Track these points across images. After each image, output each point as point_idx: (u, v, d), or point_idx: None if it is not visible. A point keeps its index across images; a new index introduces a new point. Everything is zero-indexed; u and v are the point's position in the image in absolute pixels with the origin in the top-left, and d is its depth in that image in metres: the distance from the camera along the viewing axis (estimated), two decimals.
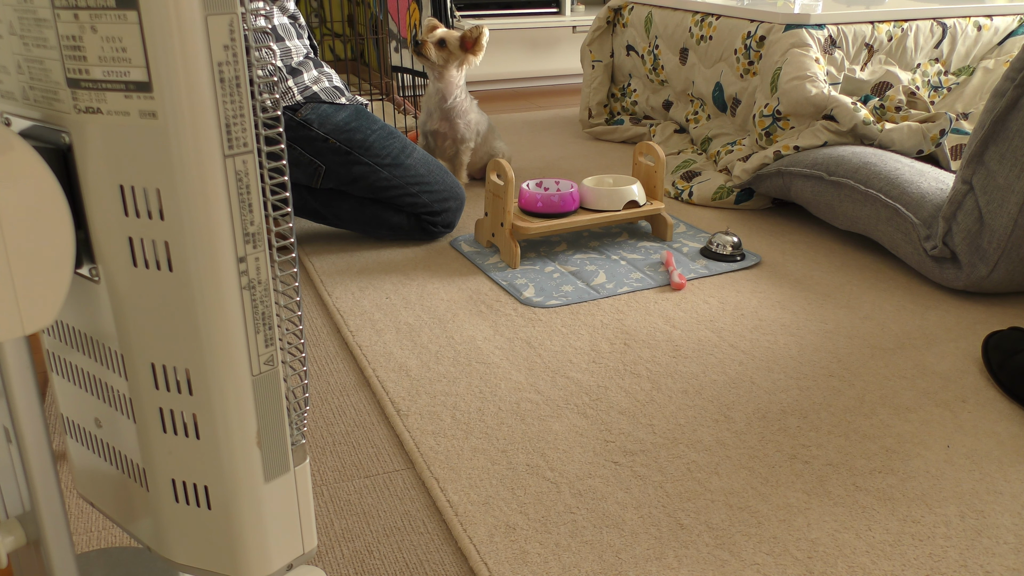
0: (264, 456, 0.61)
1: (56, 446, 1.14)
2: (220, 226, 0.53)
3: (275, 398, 0.60)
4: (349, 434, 1.19)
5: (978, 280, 1.56)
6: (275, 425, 0.61)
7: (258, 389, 0.59)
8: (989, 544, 0.97)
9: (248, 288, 0.56)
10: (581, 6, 3.86)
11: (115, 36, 0.50)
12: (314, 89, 1.73)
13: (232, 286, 0.55)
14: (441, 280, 1.67)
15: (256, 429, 0.59)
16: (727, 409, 1.24)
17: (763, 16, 2.13)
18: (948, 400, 1.26)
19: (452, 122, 2.14)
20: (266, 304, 0.57)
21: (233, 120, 0.53)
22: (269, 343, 0.58)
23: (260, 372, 0.58)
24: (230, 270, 0.55)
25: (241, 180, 0.54)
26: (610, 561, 0.94)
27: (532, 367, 1.34)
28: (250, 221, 0.55)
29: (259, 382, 0.59)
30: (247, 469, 0.60)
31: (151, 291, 0.55)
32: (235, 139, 0.53)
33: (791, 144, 1.96)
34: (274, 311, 0.58)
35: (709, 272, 1.71)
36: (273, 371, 0.59)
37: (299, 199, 1.82)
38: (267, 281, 0.57)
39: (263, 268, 0.57)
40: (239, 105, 0.53)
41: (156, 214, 0.53)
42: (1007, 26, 2.29)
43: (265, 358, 0.58)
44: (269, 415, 0.60)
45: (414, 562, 0.95)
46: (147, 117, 0.51)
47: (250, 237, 0.55)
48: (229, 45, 0.51)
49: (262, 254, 0.56)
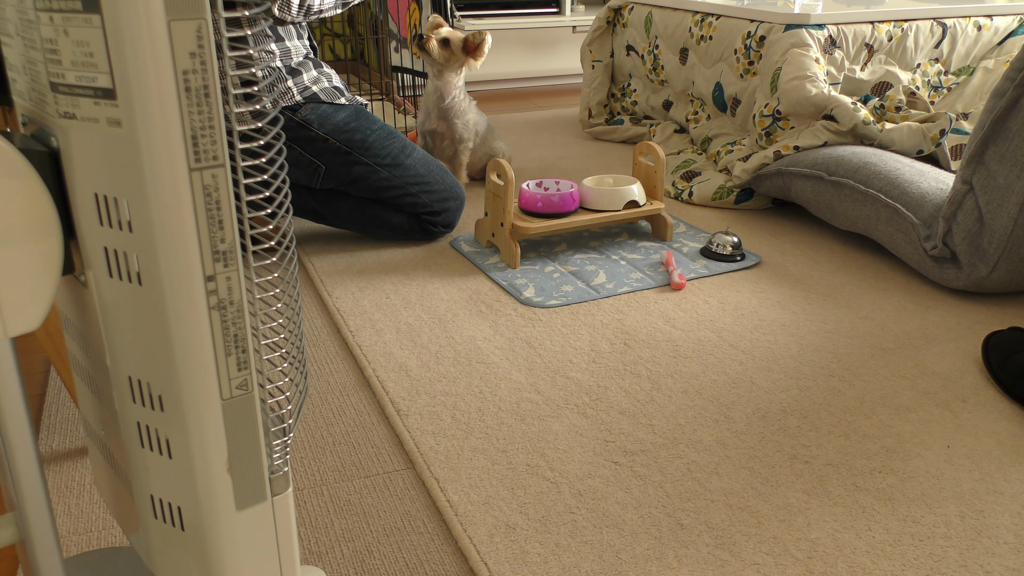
0: (236, 483, 0.58)
1: (61, 447, 1.14)
2: (185, 242, 0.51)
3: (249, 424, 0.57)
4: (349, 434, 1.19)
5: (978, 280, 1.56)
6: (249, 452, 0.58)
7: (229, 414, 0.56)
8: (989, 544, 0.97)
9: (218, 308, 0.53)
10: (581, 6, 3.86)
11: (84, 40, 0.48)
12: (314, 89, 1.73)
13: (199, 305, 0.53)
14: (441, 280, 1.67)
15: (227, 455, 0.57)
16: (727, 409, 1.24)
17: (763, 16, 2.13)
18: (948, 400, 1.26)
19: (450, 122, 2.14)
20: (239, 326, 0.55)
21: (201, 132, 0.50)
22: (242, 367, 0.56)
23: (232, 396, 0.56)
24: (197, 289, 0.52)
25: (210, 195, 0.51)
26: (610, 561, 0.94)
27: (532, 367, 1.34)
28: (220, 239, 0.52)
29: (230, 407, 0.56)
30: (217, 495, 0.57)
31: (125, 303, 0.54)
32: (203, 152, 0.51)
33: (791, 144, 1.96)
34: (249, 333, 0.55)
35: (709, 272, 1.71)
36: (247, 396, 0.57)
37: (299, 199, 1.81)
38: (240, 302, 0.54)
39: (235, 288, 0.54)
40: (207, 116, 0.50)
41: (126, 225, 0.51)
42: (1007, 26, 2.29)
43: (238, 382, 0.56)
44: (242, 441, 0.57)
45: (414, 562, 0.95)
46: (113, 125, 0.49)
47: (220, 255, 0.53)
48: (196, 52, 0.49)
49: (234, 273, 0.53)
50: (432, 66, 2.11)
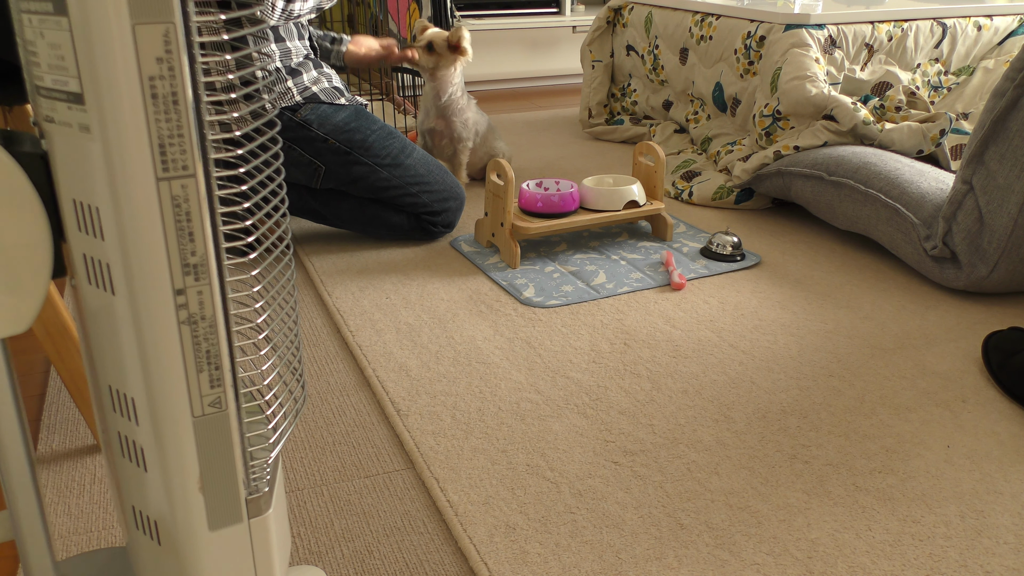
0: (209, 503, 0.56)
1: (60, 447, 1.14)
2: (153, 254, 0.49)
3: (223, 443, 0.55)
4: (349, 434, 1.19)
5: (978, 280, 1.56)
6: (223, 472, 0.56)
7: (200, 432, 0.54)
8: (989, 544, 0.97)
9: (188, 323, 0.51)
10: (581, 6, 3.86)
11: (56, 43, 0.47)
12: (313, 90, 1.73)
13: (168, 319, 0.51)
14: (441, 280, 1.67)
15: (199, 473, 0.55)
16: (727, 409, 1.24)
17: (763, 16, 2.13)
18: (948, 400, 1.26)
19: (448, 120, 2.14)
20: (211, 342, 0.53)
21: (169, 140, 0.48)
22: (215, 384, 0.54)
23: (204, 414, 0.54)
24: (166, 302, 0.51)
25: (179, 206, 0.49)
26: (610, 561, 0.94)
27: (532, 367, 1.34)
28: (191, 251, 0.50)
29: (202, 424, 0.54)
30: (189, 513, 0.56)
31: (102, 311, 0.52)
32: (171, 161, 0.48)
33: (791, 144, 1.96)
34: (224, 350, 0.53)
35: (709, 272, 1.71)
36: (220, 414, 0.54)
37: (299, 199, 1.82)
38: (213, 317, 0.52)
39: (208, 303, 0.52)
40: (176, 124, 0.48)
41: (99, 233, 0.50)
42: (1007, 26, 2.29)
43: (210, 400, 0.54)
44: (215, 460, 0.55)
45: (414, 562, 0.95)
46: (84, 131, 0.48)
47: (191, 269, 0.51)
48: (163, 58, 0.46)
49: (206, 288, 0.51)
50: (424, 71, 2.11)
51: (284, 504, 0.66)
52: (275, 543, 0.60)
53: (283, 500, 0.65)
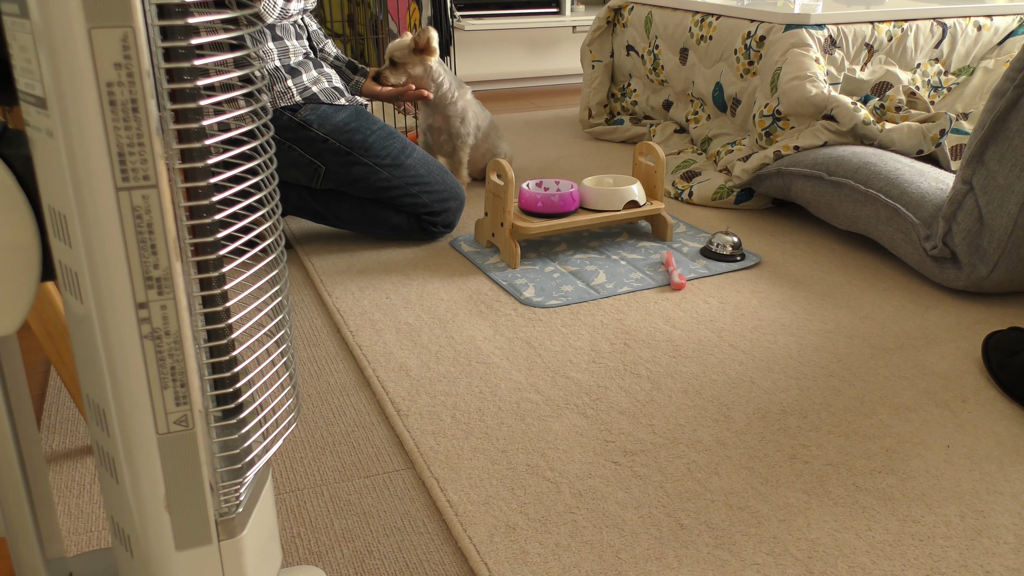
0: (175, 522, 0.54)
1: (61, 447, 1.14)
2: (114, 265, 0.48)
3: (190, 462, 0.53)
4: (349, 434, 1.19)
5: (978, 280, 1.56)
6: (190, 491, 0.54)
7: (165, 449, 0.53)
8: (989, 544, 0.97)
9: (151, 338, 0.50)
10: (581, 6, 3.86)
11: (24, 46, 0.46)
12: (313, 90, 1.73)
13: (131, 333, 0.49)
14: (441, 280, 1.67)
15: (164, 491, 0.53)
16: (727, 409, 1.24)
17: (763, 16, 2.13)
18: (948, 400, 1.26)
19: (443, 115, 2.13)
20: (176, 359, 0.51)
21: (129, 149, 0.46)
22: (181, 402, 0.52)
23: (169, 431, 0.52)
24: (128, 315, 0.49)
25: (140, 217, 0.47)
26: (610, 561, 0.94)
27: (532, 367, 1.34)
28: (154, 264, 0.49)
29: (167, 442, 0.52)
30: (156, 531, 0.54)
31: (75, 319, 0.51)
32: (131, 171, 0.47)
33: (791, 144, 1.96)
34: (193, 368, 0.52)
35: (709, 272, 1.71)
36: (187, 433, 0.53)
37: (299, 199, 1.82)
38: (178, 333, 0.50)
39: (172, 319, 0.50)
40: (136, 132, 0.46)
41: (68, 240, 0.48)
42: (1007, 26, 2.29)
43: (175, 417, 0.52)
44: (181, 479, 0.54)
45: (414, 562, 0.95)
46: (49, 136, 0.47)
47: (154, 282, 0.49)
48: (122, 63, 0.45)
49: (170, 302, 0.50)
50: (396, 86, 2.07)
51: (270, 521, 0.63)
52: (250, 566, 0.58)
53: (268, 518, 0.62)
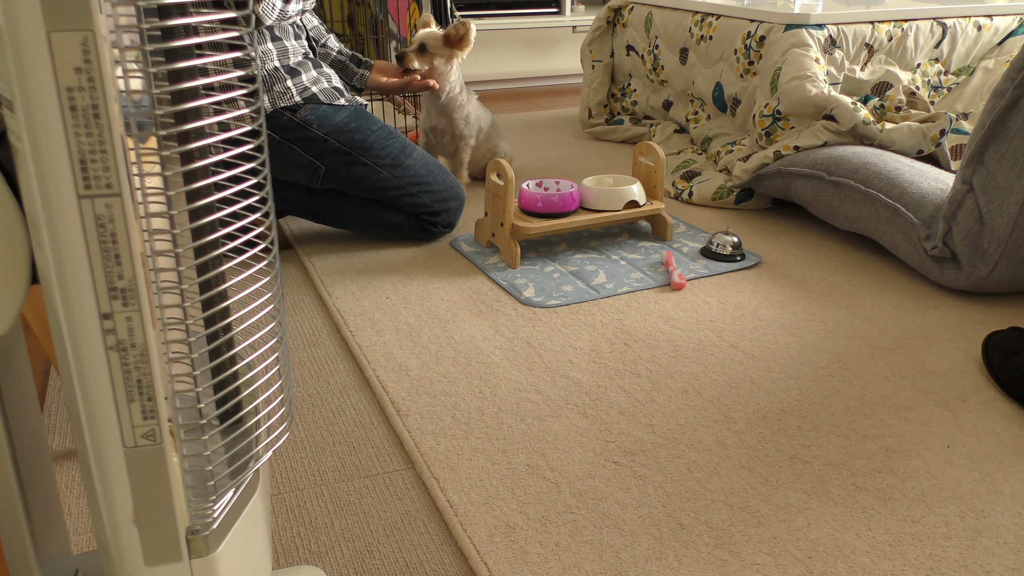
0: (143, 537, 0.53)
1: (61, 447, 1.14)
2: (78, 275, 0.47)
3: (158, 478, 0.52)
4: (349, 434, 1.19)
5: (978, 280, 1.56)
6: (160, 506, 0.53)
7: (132, 463, 0.51)
8: (989, 544, 0.97)
9: (117, 350, 0.49)
10: (581, 6, 3.86)
11: None
12: (313, 90, 1.73)
13: (96, 344, 0.49)
14: (441, 280, 1.67)
15: (132, 505, 0.52)
16: (727, 409, 1.24)
17: (763, 16, 2.13)
18: (948, 400, 1.26)
19: (449, 117, 2.14)
20: (143, 371, 0.50)
21: (91, 156, 0.45)
22: (148, 416, 0.51)
23: (136, 445, 0.51)
24: (93, 326, 0.48)
25: (104, 226, 0.46)
26: (610, 561, 0.94)
27: (532, 367, 1.34)
28: (118, 275, 0.48)
29: (134, 456, 0.51)
30: (126, 545, 0.53)
31: (52, 325, 0.50)
32: (93, 178, 0.46)
33: (791, 144, 1.96)
34: (159, 381, 0.51)
35: (709, 272, 1.71)
36: (155, 447, 0.51)
37: (299, 199, 1.82)
38: (144, 346, 0.49)
39: (138, 331, 0.49)
40: (99, 139, 0.45)
41: (40, 246, 0.48)
42: (1007, 26, 2.29)
43: (143, 431, 0.51)
44: (151, 494, 0.53)
45: (414, 562, 0.95)
46: (17, 140, 0.46)
47: (118, 293, 0.48)
48: (82, 68, 0.44)
49: (136, 314, 0.48)
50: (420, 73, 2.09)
51: (257, 536, 0.62)
52: None
53: (254, 533, 0.61)
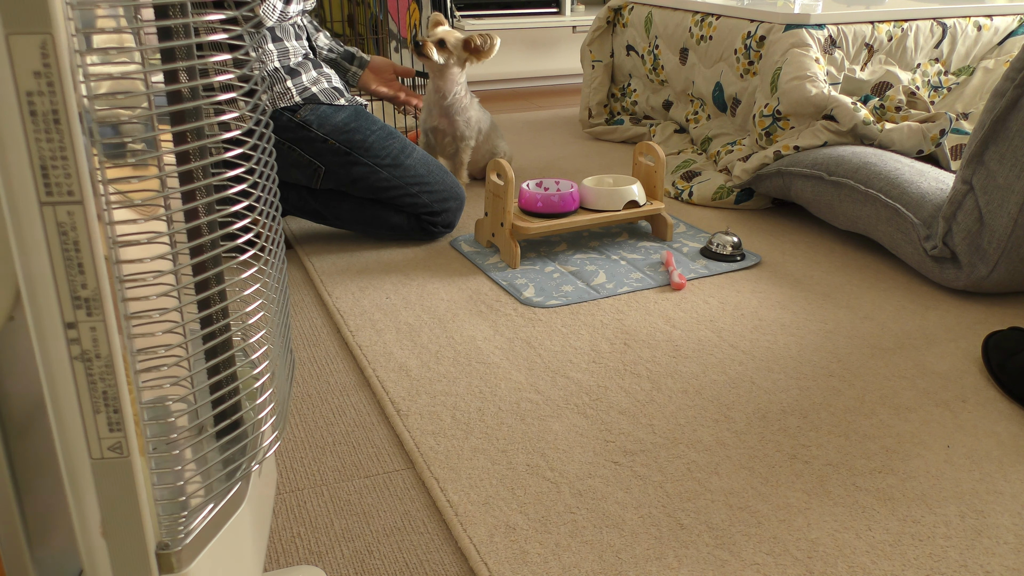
0: (111, 550, 0.53)
1: None
2: (41, 283, 0.47)
3: (126, 490, 0.51)
4: (349, 434, 1.19)
5: (978, 280, 1.56)
6: (128, 520, 0.52)
7: (99, 475, 0.51)
8: (989, 544, 0.97)
9: (81, 360, 0.48)
10: (581, 6, 3.86)
11: None
12: (313, 90, 1.73)
13: (61, 353, 0.48)
14: (441, 280, 1.67)
15: (100, 517, 0.52)
16: (727, 409, 1.24)
17: (763, 16, 2.13)
18: (948, 400, 1.26)
19: (451, 119, 2.14)
20: (109, 383, 0.49)
21: (52, 162, 0.45)
22: (115, 428, 0.50)
23: (103, 457, 0.51)
24: (57, 335, 0.48)
25: (66, 234, 0.46)
26: (610, 561, 0.94)
27: (532, 367, 1.34)
28: (81, 284, 0.47)
29: (101, 468, 0.51)
30: (95, 556, 0.52)
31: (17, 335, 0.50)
32: (55, 185, 0.45)
33: (791, 144, 1.96)
34: (126, 394, 0.50)
35: (709, 272, 1.71)
36: (122, 460, 0.51)
37: (299, 199, 1.82)
38: (109, 357, 0.49)
39: (103, 341, 0.48)
40: (59, 145, 0.44)
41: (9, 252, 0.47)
42: (1007, 26, 2.29)
43: (109, 443, 0.50)
44: (118, 507, 0.52)
45: (414, 562, 0.95)
46: None
47: (82, 302, 0.47)
48: (42, 72, 0.43)
49: (100, 324, 0.48)
50: (433, 68, 2.11)
51: (242, 550, 0.61)
52: None
53: (238, 547, 0.60)
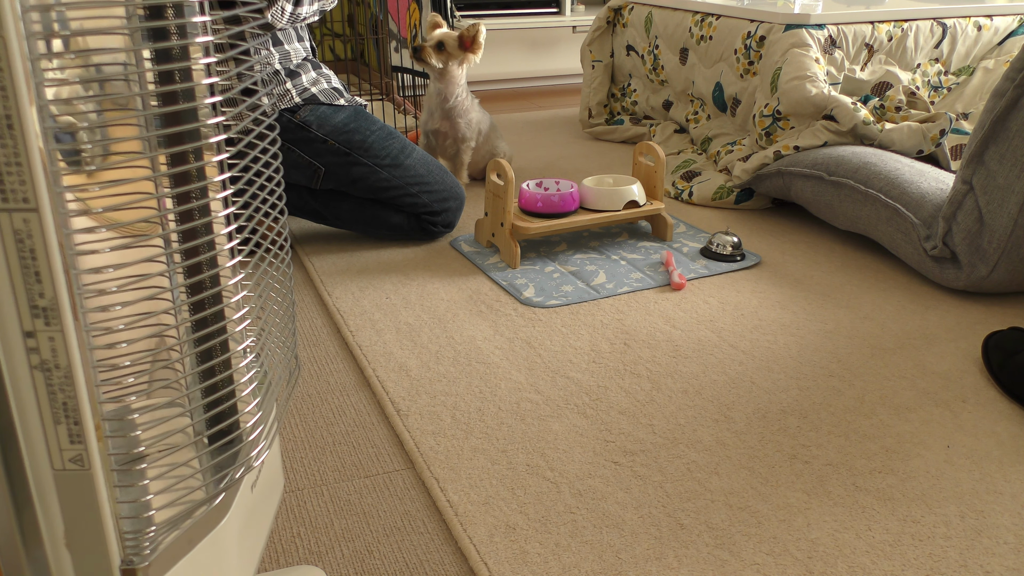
0: (75, 562, 0.52)
1: None
2: (1, 289, 0.46)
3: (88, 504, 0.51)
4: (349, 434, 1.19)
5: (978, 280, 1.56)
6: (92, 533, 0.52)
7: (62, 486, 0.50)
8: (989, 544, 0.97)
9: (41, 369, 0.48)
10: (581, 6, 3.86)
11: None
12: (312, 91, 1.73)
13: (21, 362, 0.48)
14: (441, 280, 1.67)
15: (63, 529, 0.51)
16: (727, 409, 1.24)
17: (763, 16, 2.13)
18: (948, 400, 1.26)
19: (453, 121, 2.14)
20: (68, 394, 0.48)
21: (7, 168, 0.44)
22: (75, 440, 0.49)
23: (64, 468, 0.50)
24: (17, 343, 0.47)
25: (22, 242, 0.45)
26: (610, 561, 0.94)
27: (532, 367, 1.34)
28: (39, 293, 0.46)
29: (63, 479, 0.50)
30: (60, 568, 0.52)
31: None
32: (9, 192, 0.44)
33: (791, 144, 1.96)
34: (86, 406, 0.49)
35: (709, 272, 1.71)
36: (83, 473, 0.50)
37: (299, 200, 1.82)
38: (68, 368, 0.48)
39: (62, 351, 0.48)
40: (13, 151, 0.44)
41: None
42: (1007, 26, 2.29)
43: (70, 455, 0.50)
44: (80, 520, 0.51)
45: (414, 562, 0.95)
46: None
47: (40, 312, 0.47)
48: None
49: (58, 334, 0.47)
50: (433, 71, 2.11)
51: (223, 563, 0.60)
52: None
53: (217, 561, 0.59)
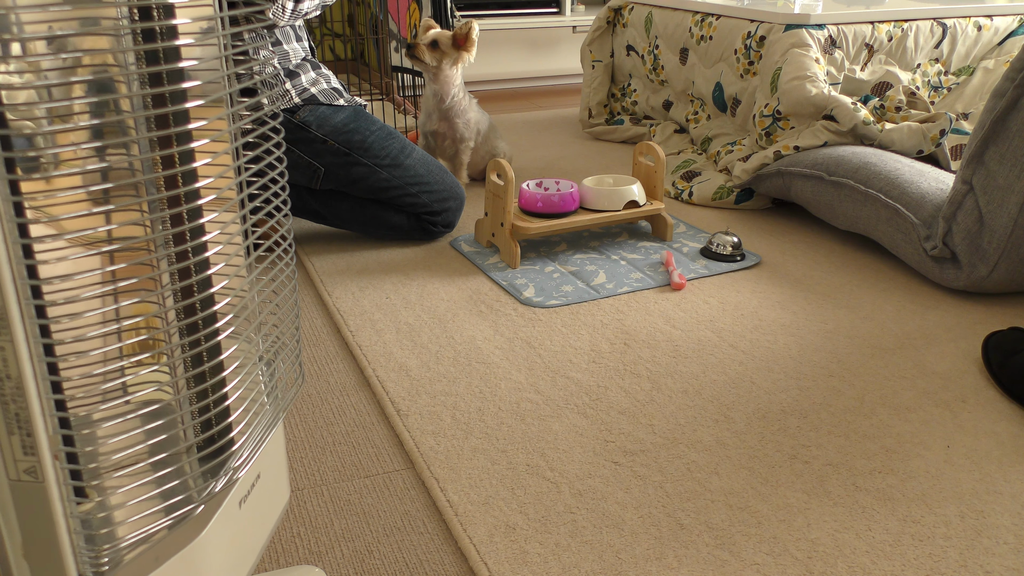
0: (34, 572, 0.52)
1: None
2: None
3: (43, 516, 0.51)
4: (349, 434, 1.19)
5: (978, 280, 1.56)
6: (48, 545, 0.51)
7: (18, 497, 0.50)
8: (989, 544, 0.97)
9: None
10: (581, 6, 3.86)
11: None
12: (312, 91, 1.73)
13: None
14: (441, 280, 1.67)
15: (21, 539, 0.51)
16: (727, 409, 1.24)
17: (763, 16, 2.13)
18: (948, 400, 1.26)
19: (451, 122, 2.14)
20: (20, 405, 0.48)
21: None
22: (28, 452, 0.49)
23: (19, 479, 0.50)
24: None
25: None
26: (610, 561, 0.94)
27: (532, 367, 1.34)
28: None
29: (19, 490, 0.50)
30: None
31: None
32: None
33: (791, 144, 1.96)
34: (38, 419, 0.49)
35: (709, 272, 1.71)
36: (37, 485, 0.50)
37: (299, 200, 1.82)
38: (19, 378, 0.47)
39: (12, 362, 0.47)
40: None
41: None
42: (1007, 26, 2.29)
43: (24, 467, 0.49)
44: (36, 532, 0.51)
45: (414, 562, 0.95)
46: None
47: None
48: None
49: (8, 344, 0.47)
50: (427, 71, 2.11)
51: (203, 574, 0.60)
52: None
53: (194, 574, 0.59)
